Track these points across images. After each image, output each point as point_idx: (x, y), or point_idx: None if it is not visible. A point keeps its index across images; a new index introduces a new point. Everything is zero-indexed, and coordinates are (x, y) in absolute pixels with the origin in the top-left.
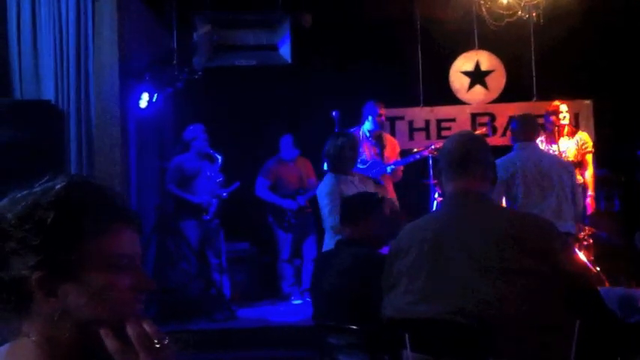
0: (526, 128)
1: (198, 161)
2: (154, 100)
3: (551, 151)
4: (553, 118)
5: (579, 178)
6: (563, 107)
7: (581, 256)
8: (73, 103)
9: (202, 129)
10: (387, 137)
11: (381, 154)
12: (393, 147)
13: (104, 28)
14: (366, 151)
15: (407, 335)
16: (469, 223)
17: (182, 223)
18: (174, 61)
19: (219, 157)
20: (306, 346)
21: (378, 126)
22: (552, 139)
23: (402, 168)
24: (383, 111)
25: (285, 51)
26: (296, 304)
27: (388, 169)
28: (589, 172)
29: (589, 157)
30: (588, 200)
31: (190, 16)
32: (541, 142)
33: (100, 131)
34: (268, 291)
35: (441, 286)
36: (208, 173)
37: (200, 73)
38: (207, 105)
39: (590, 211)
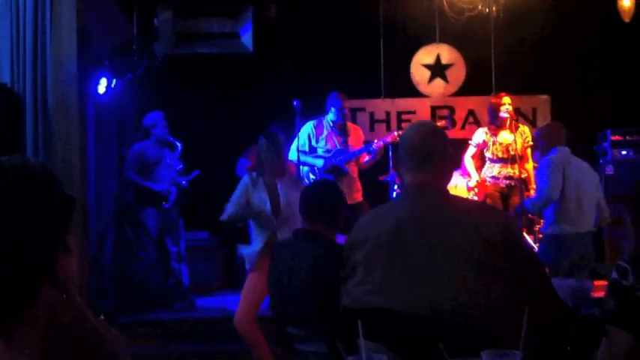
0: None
1: (158, 149)
2: (112, 85)
3: (492, 143)
4: (497, 109)
5: (523, 171)
6: (506, 100)
7: (536, 248)
8: (30, 87)
9: (162, 116)
10: (351, 126)
11: (345, 142)
12: (357, 135)
13: (63, 12)
14: (330, 141)
15: (360, 324)
16: (430, 216)
17: (141, 211)
18: (135, 48)
19: (179, 145)
20: (266, 335)
21: (340, 118)
22: (495, 131)
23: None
24: (347, 104)
25: (247, 40)
26: None
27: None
28: (530, 165)
29: (529, 151)
30: (531, 192)
31: (152, 3)
32: (485, 134)
33: (58, 117)
34: (228, 280)
35: (399, 279)
36: (168, 161)
37: (160, 59)
38: (168, 92)
39: None
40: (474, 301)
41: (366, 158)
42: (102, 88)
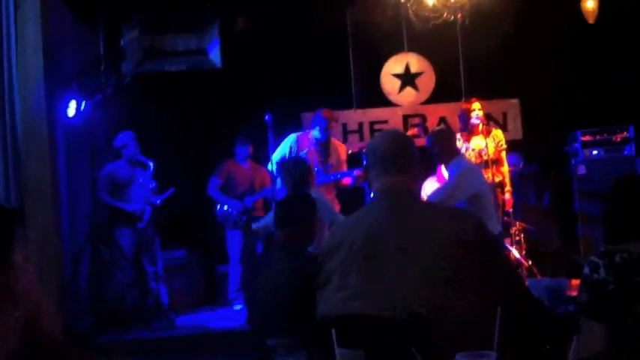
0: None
1: (130, 169)
2: (82, 108)
3: (465, 149)
4: (468, 115)
5: (498, 175)
6: (476, 105)
7: (513, 250)
8: None
9: (132, 136)
10: (337, 145)
11: (324, 162)
12: (338, 154)
13: (28, 35)
14: (310, 157)
15: (335, 331)
16: (404, 221)
17: (116, 231)
18: (102, 68)
19: (152, 164)
20: (247, 350)
21: (324, 137)
22: (467, 137)
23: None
24: (333, 124)
25: (215, 56)
26: (237, 310)
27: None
28: (505, 168)
29: (504, 154)
30: (507, 196)
31: (118, 22)
32: (458, 140)
33: (27, 140)
34: (208, 297)
35: (374, 284)
36: (141, 180)
37: (129, 78)
38: (138, 111)
39: (509, 205)
40: (448, 303)
41: (348, 182)
42: (71, 110)
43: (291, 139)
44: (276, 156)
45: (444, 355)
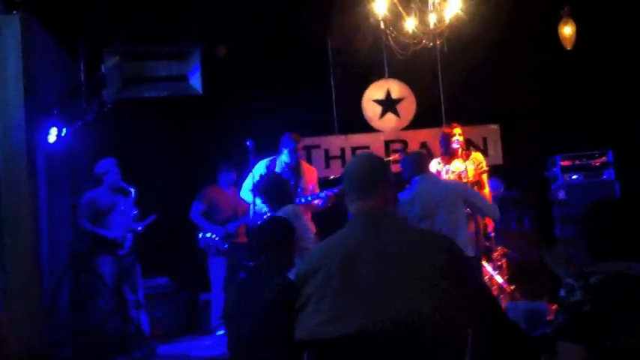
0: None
1: (112, 195)
2: (62, 134)
3: (445, 172)
4: (449, 139)
5: None
6: (457, 130)
7: (496, 276)
8: None
9: (114, 162)
10: (306, 167)
11: (295, 185)
12: (310, 176)
13: (9, 62)
14: None
15: (314, 355)
16: (378, 243)
17: (97, 259)
18: (83, 95)
19: (133, 191)
20: None
21: (293, 160)
22: (447, 160)
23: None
24: (300, 145)
25: (196, 81)
26: (219, 335)
27: (302, 199)
28: (486, 191)
29: (484, 177)
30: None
31: (99, 49)
32: (438, 164)
33: (7, 167)
34: (190, 326)
35: (350, 307)
36: (122, 207)
37: (109, 105)
38: (119, 138)
39: (490, 228)
40: (423, 324)
41: (318, 204)
42: (52, 137)
43: (260, 166)
44: (247, 184)
45: None
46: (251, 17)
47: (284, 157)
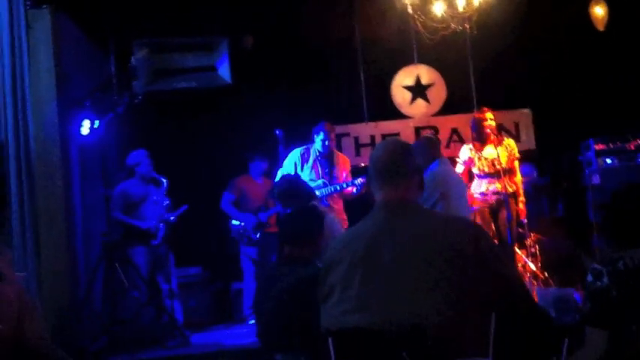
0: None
1: (144, 186)
2: (95, 126)
3: (478, 158)
4: (481, 124)
5: (511, 185)
6: (489, 115)
7: (530, 263)
8: (12, 133)
9: (145, 154)
10: (339, 156)
11: (329, 173)
12: (343, 165)
13: (40, 56)
14: (315, 170)
15: (337, 345)
16: (402, 232)
17: (130, 249)
18: (114, 87)
19: (165, 181)
20: None
21: (324, 149)
22: (479, 147)
23: (349, 189)
24: (333, 135)
25: (224, 72)
26: (252, 324)
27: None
28: (518, 178)
29: (516, 164)
30: (520, 206)
31: (129, 42)
32: (470, 150)
33: (41, 161)
34: (222, 315)
35: (375, 296)
36: (155, 198)
37: (140, 97)
38: (150, 129)
39: (523, 215)
40: (447, 314)
41: (352, 191)
42: (85, 129)
43: (295, 154)
44: (282, 171)
45: None
46: (278, 7)
47: (317, 146)
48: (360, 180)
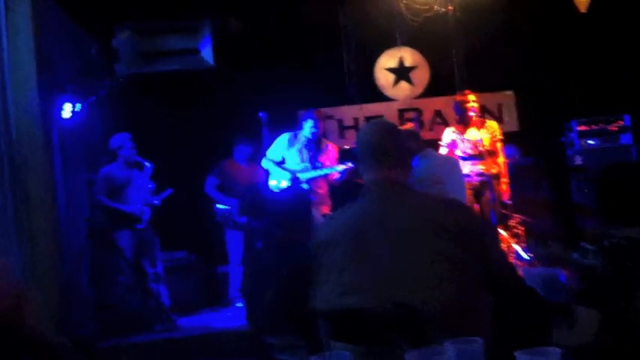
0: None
1: (127, 170)
2: (77, 110)
3: (461, 141)
4: (463, 107)
5: (494, 166)
6: (471, 97)
7: (514, 244)
8: None
9: (128, 137)
10: (327, 144)
11: (315, 158)
12: (331, 154)
13: (21, 39)
14: (301, 155)
15: (332, 326)
16: (393, 212)
17: (115, 233)
18: (96, 70)
19: (149, 165)
20: (249, 350)
21: (311, 135)
22: (462, 129)
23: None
24: (321, 124)
25: (208, 54)
26: (239, 307)
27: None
28: (501, 160)
29: (499, 146)
30: (503, 187)
31: (111, 25)
32: (453, 132)
33: (22, 145)
34: (209, 298)
35: (368, 277)
36: (138, 182)
37: (122, 80)
38: (133, 112)
39: (506, 196)
40: (441, 293)
41: (336, 177)
42: (66, 112)
43: (283, 138)
44: (269, 153)
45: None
46: None
47: (305, 132)
48: (342, 167)
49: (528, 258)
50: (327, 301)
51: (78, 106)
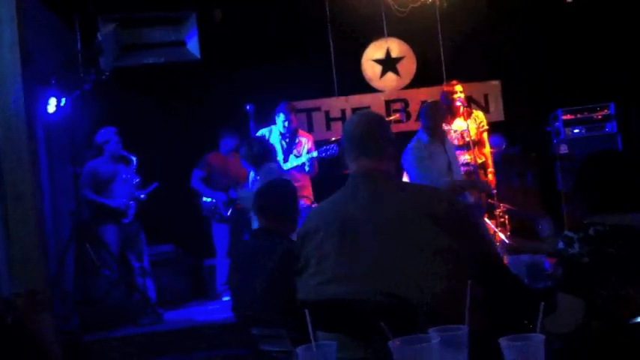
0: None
1: (113, 164)
2: (62, 104)
3: (448, 131)
4: (450, 97)
5: (480, 156)
6: (458, 87)
7: (499, 233)
8: None
9: (114, 131)
10: (301, 134)
11: (288, 150)
12: (306, 143)
13: (2, 31)
14: (282, 148)
15: (318, 315)
16: (378, 202)
17: (101, 228)
18: (80, 63)
19: (134, 159)
20: (236, 343)
21: (284, 129)
22: (449, 119)
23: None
24: (294, 115)
25: (194, 46)
26: (225, 301)
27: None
28: (487, 150)
29: (485, 136)
30: (489, 177)
31: (94, 17)
32: None
33: (6, 140)
34: (195, 291)
35: (352, 267)
36: (124, 176)
37: (107, 73)
38: (119, 106)
39: (492, 186)
40: (425, 282)
41: (306, 170)
42: (51, 107)
43: (260, 134)
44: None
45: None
46: None
47: (279, 127)
48: (304, 158)
49: (512, 246)
50: (309, 290)
51: (63, 101)
